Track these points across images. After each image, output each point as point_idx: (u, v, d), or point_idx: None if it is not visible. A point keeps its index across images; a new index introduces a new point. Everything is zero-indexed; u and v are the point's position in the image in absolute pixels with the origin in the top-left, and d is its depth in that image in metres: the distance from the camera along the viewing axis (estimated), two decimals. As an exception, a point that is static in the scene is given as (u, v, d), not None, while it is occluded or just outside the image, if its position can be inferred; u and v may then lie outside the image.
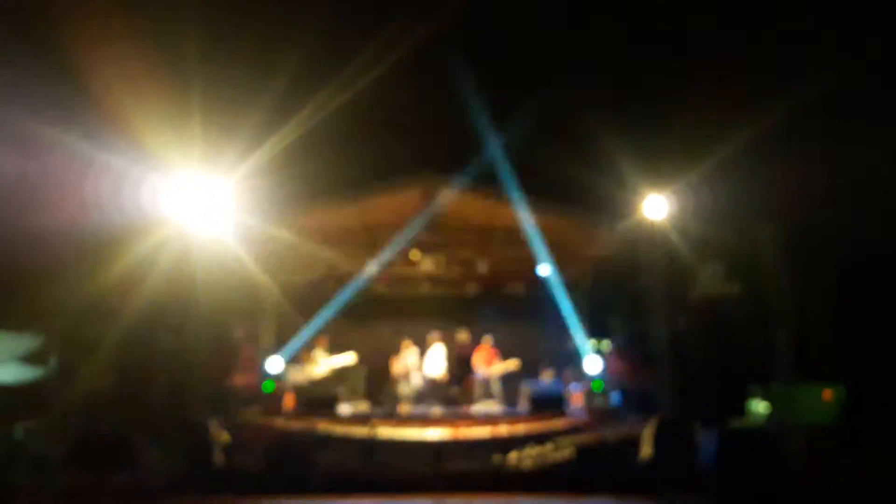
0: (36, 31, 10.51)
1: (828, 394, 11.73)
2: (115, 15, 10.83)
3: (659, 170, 11.36)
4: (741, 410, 11.95)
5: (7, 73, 10.17)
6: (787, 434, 10.18)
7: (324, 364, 13.01)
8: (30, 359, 12.06)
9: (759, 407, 11.89)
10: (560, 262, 13.60)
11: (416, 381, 13.17)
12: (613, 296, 13.77)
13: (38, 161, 10.46)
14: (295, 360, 13.31)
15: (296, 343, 13.50)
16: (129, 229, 10.53)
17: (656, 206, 11.18)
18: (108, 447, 9.62)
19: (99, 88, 10.78)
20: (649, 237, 11.50)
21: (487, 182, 11.80)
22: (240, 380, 12.12)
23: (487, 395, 13.03)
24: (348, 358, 13.17)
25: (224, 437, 10.25)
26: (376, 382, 13.72)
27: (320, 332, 13.50)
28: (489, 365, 13.34)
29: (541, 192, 11.91)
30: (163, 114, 10.74)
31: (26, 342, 12.04)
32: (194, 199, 10.54)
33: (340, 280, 14.17)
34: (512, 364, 13.09)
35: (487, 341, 13.49)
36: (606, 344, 13.40)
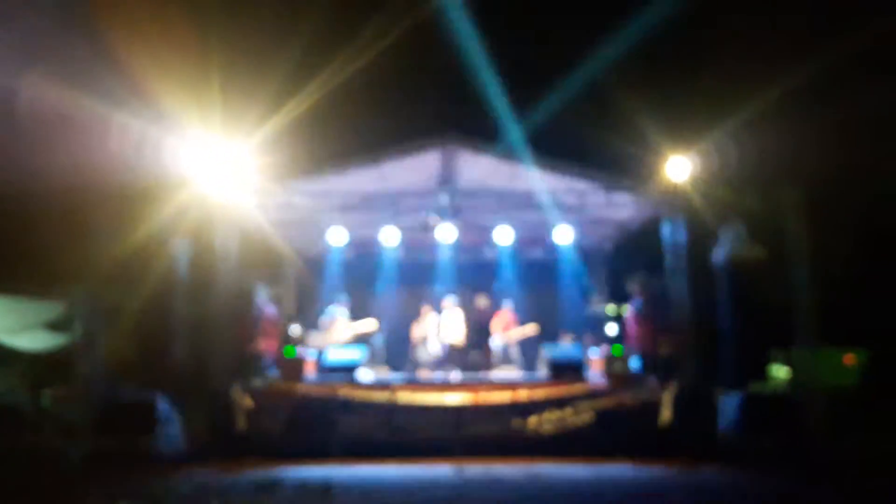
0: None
1: (850, 358, 11.66)
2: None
3: (682, 130, 11.18)
4: (762, 375, 11.91)
5: (31, 36, 10.17)
6: (808, 399, 10.13)
7: (345, 330, 13.08)
8: (54, 326, 12.23)
9: (780, 372, 11.83)
10: (581, 226, 13.51)
11: (435, 346, 13.21)
12: (634, 259, 13.68)
13: (59, 125, 10.49)
14: (317, 325, 13.39)
15: (318, 309, 13.57)
16: (150, 193, 10.55)
17: (679, 168, 11.01)
18: (132, 413, 9.76)
19: (121, 50, 10.75)
20: (671, 199, 11.35)
21: (507, 145, 11.69)
22: (262, 345, 12.20)
23: (507, 360, 13.07)
24: (369, 324, 13.23)
25: (246, 402, 10.36)
26: (396, 348, 13.78)
27: (341, 298, 13.56)
28: (507, 330, 13.35)
29: (561, 154, 11.78)
30: (184, 76, 10.71)
31: (51, 309, 12.20)
32: (215, 163, 10.52)
33: (360, 245, 14.19)
34: (530, 329, 13.09)
35: (507, 306, 13.48)
36: (626, 308, 13.33)
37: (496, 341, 13.29)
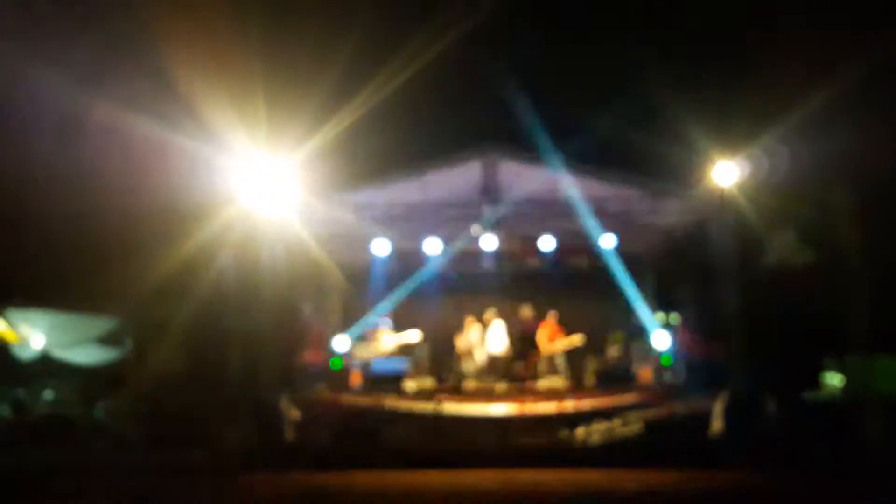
0: (107, 13, 10.77)
1: (906, 365, 11.33)
2: (184, 2, 11.03)
3: (729, 135, 11.02)
4: (815, 383, 11.63)
5: (82, 62, 10.47)
6: (863, 406, 9.86)
7: (389, 341, 13.11)
8: (107, 340, 12.52)
9: (834, 379, 11.54)
10: (626, 234, 13.35)
11: (480, 357, 13.16)
12: (682, 267, 13.48)
13: (109, 143, 10.76)
14: (362, 337, 13.44)
15: (363, 321, 13.62)
16: (198, 210, 10.75)
17: (726, 173, 10.84)
18: (182, 425, 9.91)
19: (167, 70, 11.00)
20: (719, 205, 11.17)
21: (549, 153, 11.65)
22: (308, 357, 12.30)
23: (552, 370, 12.95)
24: (414, 335, 13.24)
25: (294, 413, 10.44)
26: (441, 359, 13.75)
27: (386, 310, 13.59)
28: (553, 341, 13.23)
29: (606, 161, 11.69)
30: (230, 97, 10.91)
31: (103, 324, 12.50)
32: (260, 179, 10.68)
33: (404, 256, 14.22)
34: (576, 339, 12.96)
35: (552, 317, 13.36)
36: (675, 317, 13.14)
37: (542, 352, 13.18)
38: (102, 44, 10.77)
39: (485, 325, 13.31)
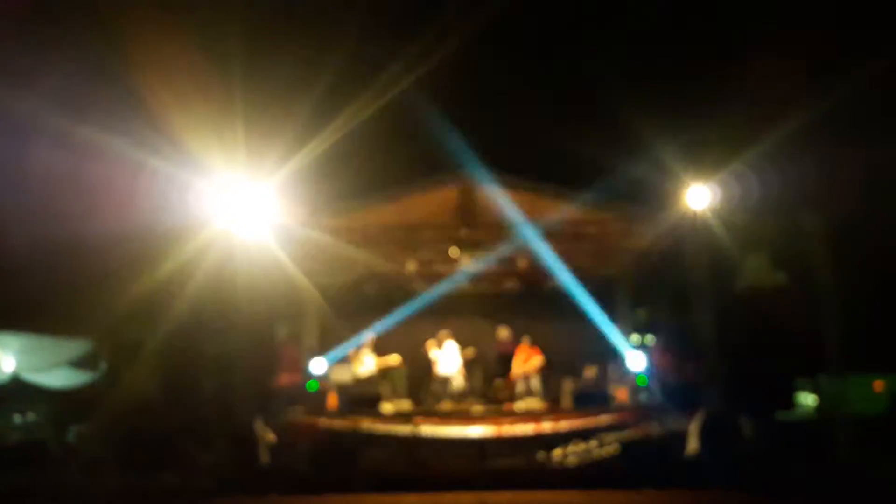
0: (84, 38, 10.76)
1: (879, 385, 11.47)
2: (159, 21, 11.04)
3: (702, 159, 11.18)
4: (789, 403, 11.75)
5: (54, 79, 10.43)
6: (836, 426, 9.97)
7: (369, 363, 13.07)
8: (80, 364, 12.36)
9: (808, 400, 11.66)
10: (602, 256, 13.47)
11: (458, 379, 13.15)
12: (657, 289, 13.61)
13: (84, 166, 10.70)
14: (342, 359, 13.36)
15: (344, 344, 13.55)
16: (173, 233, 10.71)
17: (699, 196, 10.99)
18: (156, 448, 9.81)
19: (143, 93, 10.99)
20: (692, 228, 11.31)
21: (525, 176, 11.73)
22: (284, 380, 12.23)
23: (528, 392, 12.96)
24: (393, 359, 13.22)
25: (269, 436, 10.37)
26: (417, 381, 13.73)
27: (363, 332, 13.55)
28: (526, 363, 13.24)
29: (582, 185, 11.80)
30: (205, 118, 10.90)
31: (76, 347, 12.35)
32: (236, 202, 10.67)
33: (380, 280, 14.23)
34: (536, 362, 12.95)
35: (525, 341, 13.38)
36: (650, 338, 13.24)
37: (513, 375, 13.19)
38: (76, 65, 10.74)
39: (439, 346, 13.29)
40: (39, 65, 10.51)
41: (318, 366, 12.91)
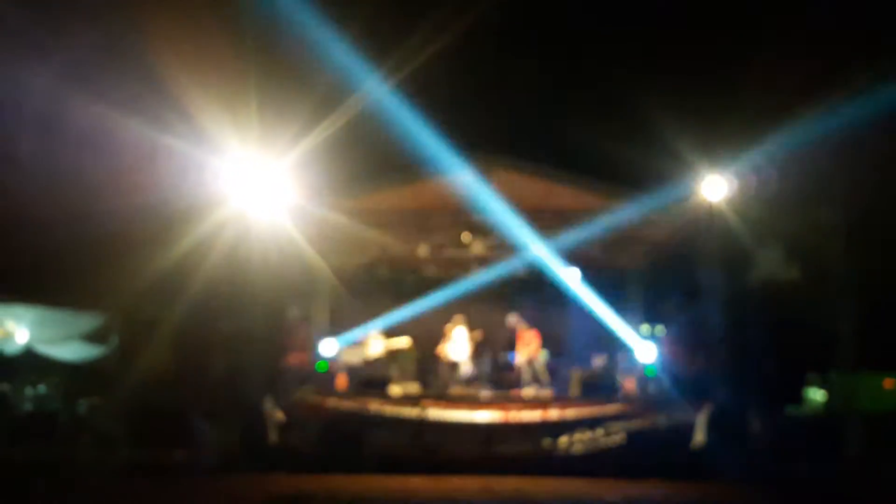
0: (99, 14, 10.77)
1: (889, 382, 11.42)
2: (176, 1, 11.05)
3: (718, 150, 11.10)
4: (798, 398, 11.70)
5: (70, 59, 10.46)
6: (845, 423, 9.93)
7: (378, 346, 13.10)
8: (92, 337, 12.46)
9: (817, 395, 11.62)
10: (614, 245, 13.42)
11: (467, 365, 13.17)
12: (669, 280, 13.54)
13: (101, 142, 10.74)
14: (349, 341, 13.41)
15: (350, 325, 13.58)
16: (188, 211, 10.75)
17: (715, 188, 10.92)
18: (166, 424, 9.90)
19: (160, 70, 11.00)
20: (707, 219, 11.25)
21: (540, 163, 11.69)
22: (294, 360, 12.29)
23: (535, 379, 12.96)
24: (402, 341, 13.25)
25: (278, 415, 10.44)
26: (426, 365, 13.76)
27: (374, 315, 13.57)
28: (527, 346, 13.19)
29: (595, 173, 11.75)
30: (221, 98, 10.90)
31: (89, 321, 12.45)
32: (251, 181, 10.70)
33: (392, 263, 14.24)
34: (535, 345, 12.89)
35: (522, 325, 13.31)
36: (661, 329, 13.20)
37: (520, 360, 13.18)
38: (91, 42, 10.75)
39: (447, 332, 13.28)
40: (56, 40, 10.54)
41: (328, 347, 12.96)
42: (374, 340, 13.18)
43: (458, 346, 13.10)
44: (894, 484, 8.92)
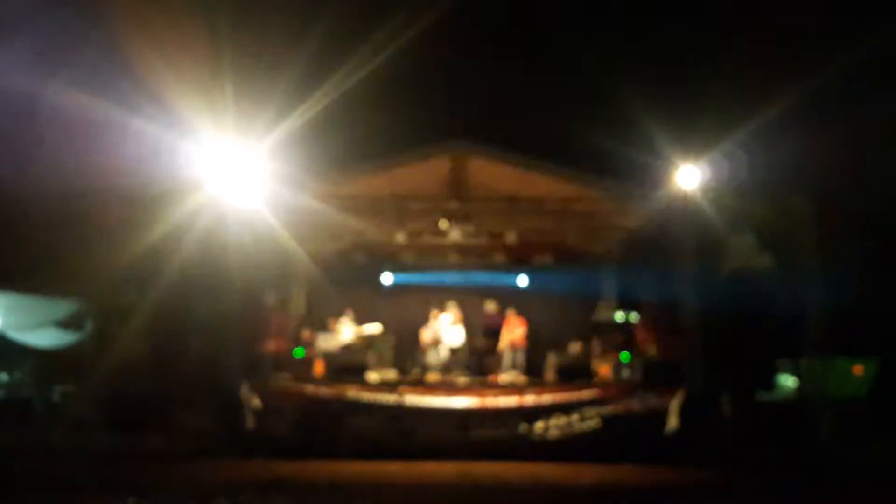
0: (71, 1, 10.62)
1: (858, 369, 11.63)
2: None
3: (692, 139, 11.20)
4: (770, 384, 11.89)
5: (45, 42, 10.30)
6: (815, 408, 10.12)
7: (349, 332, 13.12)
8: (67, 324, 12.35)
9: (788, 381, 11.81)
10: (590, 232, 13.53)
11: (444, 350, 13.24)
12: (643, 267, 13.67)
13: (73, 126, 10.61)
14: (325, 327, 13.43)
15: (326, 311, 13.59)
16: (163, 195, 10.66)
17: (689, 177, 11.02)
18: (141, 411, 9.86)
19: (133, 55, 10.87)
20: (681, 208, 11.36)
21: (517, 151, 11.71)
22: (271, 346, 12.27)
23: (514, 365, 13.07)
24: (374, 328, 13.27)
25: (255, 401, 10.42)
26: (403, 351, 13.82)
27: (350, 301, 13.58)
28: (512, 332, 13.32)
29: (571, 161, 11.80)
30: (195, 81, 10.80)
31: (63, 307, 12.33)
32: (227, 166, 10.61)
33: (369, 249, 14.24)
34: (521, 332, 13.03)
35: (510, 311, 13.46)
36: (635, 315, 13.34)
37: (503, 345, 13.29)
38: (62, 23, 10.60)
39: (445, 316, 13.35)
40: (26, 21, 10.38)
41: (304, 333, 12.95)
42: (344, 327, 13.18)
43: (449, 331, 13.16)
44: (863, 468, 9.13)
